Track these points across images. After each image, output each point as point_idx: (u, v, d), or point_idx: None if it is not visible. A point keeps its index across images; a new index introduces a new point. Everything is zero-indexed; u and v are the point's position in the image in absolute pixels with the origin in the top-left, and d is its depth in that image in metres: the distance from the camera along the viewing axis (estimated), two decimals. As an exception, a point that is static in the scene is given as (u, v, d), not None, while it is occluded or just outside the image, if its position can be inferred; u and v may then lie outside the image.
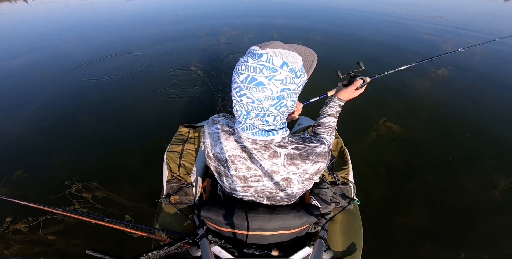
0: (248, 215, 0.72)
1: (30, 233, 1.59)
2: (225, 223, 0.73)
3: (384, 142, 2.20)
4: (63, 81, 3.47)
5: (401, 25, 5.72)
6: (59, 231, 1.59)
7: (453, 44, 4.32)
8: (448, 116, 2.48)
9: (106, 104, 2.89)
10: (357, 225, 1.13)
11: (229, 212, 0.73)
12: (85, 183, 1.86)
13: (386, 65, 3.49)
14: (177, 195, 1.14)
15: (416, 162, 2.01)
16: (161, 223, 1.11)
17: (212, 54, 4.18)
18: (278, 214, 0.73)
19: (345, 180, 1.17)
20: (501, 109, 2.59)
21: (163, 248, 0.79)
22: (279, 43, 0.57)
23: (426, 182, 1.83)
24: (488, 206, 1.65)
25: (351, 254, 1.01)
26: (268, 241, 0.78)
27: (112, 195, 1.79)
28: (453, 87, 2.99)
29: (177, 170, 1.20)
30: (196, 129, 1.39)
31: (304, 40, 4.75)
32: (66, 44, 5.01)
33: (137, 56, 4.21)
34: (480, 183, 1.80)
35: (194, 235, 0.83)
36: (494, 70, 3.43)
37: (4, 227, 1.62)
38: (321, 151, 0.65)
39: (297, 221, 0.74)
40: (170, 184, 1.16)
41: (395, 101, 2.74)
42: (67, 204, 1.69)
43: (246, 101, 0.58)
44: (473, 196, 1.71)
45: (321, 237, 0.77)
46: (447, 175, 1.89)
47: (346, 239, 1.05)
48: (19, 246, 1.52)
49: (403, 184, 1.83)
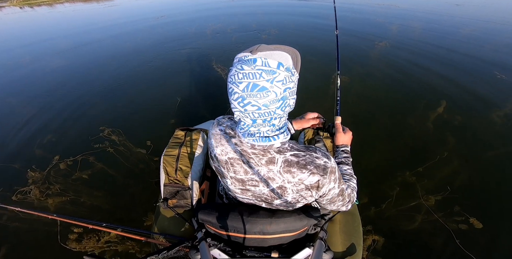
0: (248, 218, 0.72)
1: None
2: (224, 226, 0.73)
3: (349, 97, 2.74)
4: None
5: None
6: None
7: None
8: (395, 75, 3.19)
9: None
10: (357, 225, 1.12)
11: (228, 215, 0.72)
12: (113, 129, 2.48)
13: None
14: (175, 199, 1.13)
15: (375, 111, 2.56)
16: (159, 227, 1.10)
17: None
18: (279, 217, 0.72)
19: (343, 180, 1.17)
20: (434, 66, 3.36)
21: (162, 252, 0.78)
22: (265, 46, 0.57)
23: (385, 127, 2.36)
24: (426, 135, 2.23)
25: (351, 254, 1.01)
26: (268, 243, 0.77)
27: (129, 143, 2.32)
28: (396, 53, 3.77)
29: (174, 173, 1.19)
30: (192, 132, 1.39)
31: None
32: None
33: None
34: (418, 120, 2.40)
35: (193, 239, 0.83)
36: (426, 38, 4.33)
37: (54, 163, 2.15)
38: (321, 164, 0.62)
39: (298, 223, 0.73)
40: (168, 187, 1.15)
41: (356, 67, 3.43)
42: (102, 142, 2.30)
43: (251, 110, 0.57)
44: (415, 131, 2.27)
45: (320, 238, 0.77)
46: (398, 118, 2.45)
47: (346, 239, 1.05)
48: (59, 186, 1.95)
49: (367, 130, 2.30)
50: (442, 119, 2.36)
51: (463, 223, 1.54)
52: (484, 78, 3.00)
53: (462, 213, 1.59)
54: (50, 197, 1.88)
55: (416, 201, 1.67)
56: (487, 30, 4.63)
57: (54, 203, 1.83)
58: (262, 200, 0.74)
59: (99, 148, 2.27)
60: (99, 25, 6.93)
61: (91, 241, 1.53)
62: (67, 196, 1.88)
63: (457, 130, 2.23)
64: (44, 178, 2.02)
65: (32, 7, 12.10)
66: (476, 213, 1.57)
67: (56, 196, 1.88)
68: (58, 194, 1.89)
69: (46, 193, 1.90)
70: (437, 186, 1.76)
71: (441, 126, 2.28)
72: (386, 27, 5.05)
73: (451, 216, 1.58)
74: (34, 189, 1.93)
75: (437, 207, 1.63)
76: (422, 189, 1.74)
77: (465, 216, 1.56)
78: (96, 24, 7.11)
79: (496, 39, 4.13)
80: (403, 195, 1.71)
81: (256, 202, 0.76)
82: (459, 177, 1.83)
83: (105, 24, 6.99)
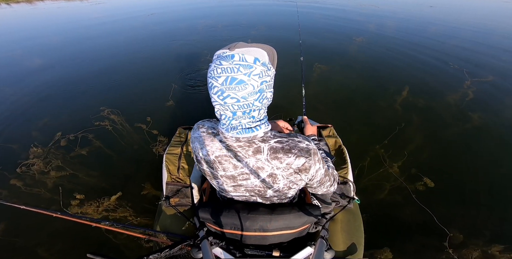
0: (248, 215, 0.72)
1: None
2: (225, 224, 0.73)
3: (331, 85, 3.17)
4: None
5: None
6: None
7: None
8: (370, 66, 3.68)
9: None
10: (358, 224, 1.13)
11: (229, 213, 0.73)
12: (113, 109, 2.74)
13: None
14: (177, 197, 1.14)
15: (353, 96, 2.95)
16: (161, 225, 1.11)
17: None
18: (278, 214, 0.72)
19: (345, 179, 1.17)
20: (402, 58, 3.94)
21: (164, 251, 0.79)
22: (243, 43, 0.61)
23: (361, 110, 2.70)
24: (395, 115, 2.60)
25: (352, 253, 1.01)
26: (268, 241, 0.78)
27: (125, 123, 2.54)
28: (370, 47, 4.35)
29: (176, 172, 1.20)
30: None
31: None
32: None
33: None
34: (387, 103, 2.80)
35: (195, 237, 0.83)
36: (397, 34, 4.99)
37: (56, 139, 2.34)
38: (304, 147, 0.66)
39: (298, 220, 0.74)
40: (170, 186, 1.16)
41: (337, 59, 3.88)
42: (103, 120, 2.54)
43: (230, 102, 0.60)
44: (385, 112, 2.65)
45: (322, 237, 0.77)
46: (372, 102, 2.82)
47: (347, 239, 1.05)
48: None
49: (346, 112, 2.66)
50: (408, 102, 2.81)
51: (419, 183, 1.85)
52: (441, 67, 3.59)
53: (418, 174, 1.92)
54: (51, 171, 2.03)
55: (383, 168, 1.98)
56: (449, 30, 5.37)
57: (55, 176, 1.99)
58: (256, 193, 0.74)
59: (99, 125, 2.51)
60: (95, 21, 7.04)
61: (91, 208, 1.74)
62: (67, 171, 2.03)
63: (421, 111, 2.66)
64: (45, 154, 2.20)
65: (9, 3, 11.67)
66: (429, 174, 1.90)
67: (56, 171, 2.03)
68: (59, 169, 2.05)
69: (47, 167, 2.06)
70: (398, 155, 2.10)
71: (407, 108, 2.72)
72: (364, 25, 5.72)
73: (409, 178, 1.91)
74: (38, 162, 2.11)
75: (399, 172, 1.96)
76: (389, 159, 2.06)
77: (420, 176, 1.90)
78: (91, 19, 7.25)
79: (455, 37, 4.85)
80: (372, 164, 2.02)
81: (250, 198, 0.77)
82: (416, 146, 2.20)
83: (100, 21, 7.07)
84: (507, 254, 1.45)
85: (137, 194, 1.82)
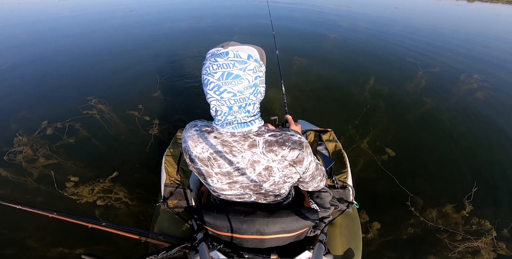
0: (245, 218, 0.71)
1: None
2: (222, 227, 0.73)
3: (310, 77, 3.59)
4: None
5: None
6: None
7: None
8: (343, 59, 4.29)
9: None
10: (357, 228, 1.12)
11: (226, 216, 0.72)
12: (100, 99, 2.87)
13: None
14: (175, 199, 1.13)
15: (329, 85, 3.38)
16: (159, 227, 1.10)
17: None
18: (276, 217, 0.72)
19: (344, 183, 1.17)
20: (370, 52, 4.65)
21: (161, 253, 0.78)
22: (234, 42, 0.65)
23: (336, 98, 3.12)
24: (365, 101, 3.00)
25: (350, 258, 1.00)
26: (266, 245, 0.77)
27: (112, 113, 2.68)
28: (343, 42, 5.10)
29: (175, 174, 1.19)
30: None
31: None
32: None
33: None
34: (359, 90, 3.28)
35: (193, 240, 0.83)
36: (366, 32, 5.88)
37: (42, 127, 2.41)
38: (297, 139, 0.68)
39: (295, 224, 0.73)
40: (168, 188, 1.15)
41: (315, 53, 4.40)
42: (91, 109, 2.66)
43: (227, 97, 0.62)
44: (357, 99, 3.09)
45: (320, 241, 0.77)
46: (345, 91, 3.27)
47: (346, 243, 1.05)
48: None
49: (323, 101, 3.03)
50: (375, 90, 3.28)
51: (382, 153, 2.24)
52: (400, 60, 4.31)
53: (382, 146, 2.31)
54: (38, 159, 2.09)
55: (355, 144, 2.35)
56: (410, 28, 6.43)
57: (42, 164, 2.04)
58: (251, 189, 0.74)
59: (87, 114, 2.62)
60: (78, 19, 6.75)
61: (85, 190, 1.82)
62: (54, 159, 2.09)
63: (385, 97, 3.14)
64: (31, 142, 2.25)
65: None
66: (391, 145, 2.31)
67: (43, 159, 2.09)
68: (46, 157, 2.11)
69: (34, 155, 2.13)
70: (367, 132, 2.49)
71: (374, 94, 3.18)
72: (337, 24, 6.64)
73: (376, 149, 2.29)
74: (26, 149, 2.16)
75: (368, 146, 2.33)
76: (359, 136, 2.45)
77: (383, 147, 2.30)
78: (77, 17, 6.94)
79: (413, 34, 5.80)
80: (347, 143, 2.35)
81: (244, 195, 0.77)
82: (382, 125, 2.62)
83: (85, 18, 6.79)
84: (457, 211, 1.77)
85: (131, 176, 1.95)
